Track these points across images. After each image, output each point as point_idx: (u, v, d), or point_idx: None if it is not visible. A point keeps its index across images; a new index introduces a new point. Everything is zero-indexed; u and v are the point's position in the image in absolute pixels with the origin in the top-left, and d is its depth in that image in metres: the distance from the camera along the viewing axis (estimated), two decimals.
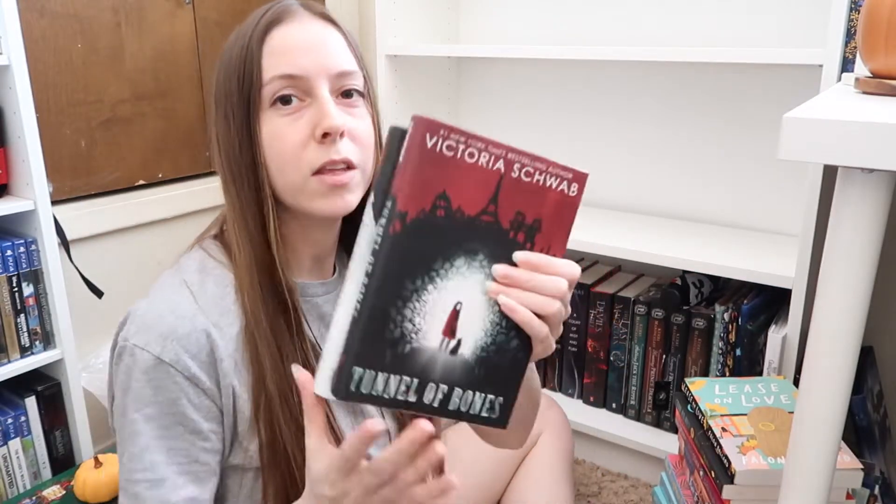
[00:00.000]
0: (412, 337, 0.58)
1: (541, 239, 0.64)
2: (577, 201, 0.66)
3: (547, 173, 0.64)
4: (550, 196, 0.64)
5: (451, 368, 0.60)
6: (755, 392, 1.12)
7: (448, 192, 0.57)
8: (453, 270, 0.59)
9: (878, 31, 0.69)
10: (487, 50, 1.61)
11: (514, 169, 0.62)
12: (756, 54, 1.25)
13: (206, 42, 1.75)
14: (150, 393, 0.68)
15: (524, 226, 0.63)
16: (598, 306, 1.57)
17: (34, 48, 1.45)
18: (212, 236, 0.79)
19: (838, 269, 0.63)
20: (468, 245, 0.59)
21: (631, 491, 1.52)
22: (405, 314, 0.57)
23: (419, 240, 0.57)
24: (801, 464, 0.69)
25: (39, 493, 1.39)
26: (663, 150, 1.67)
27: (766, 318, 1.40)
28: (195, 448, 0.70)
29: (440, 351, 0.60)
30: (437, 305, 0.59)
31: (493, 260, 0.61)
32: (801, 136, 0.59)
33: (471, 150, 0.58)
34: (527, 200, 0.62)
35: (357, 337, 0.56)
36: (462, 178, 0.58)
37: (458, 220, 0.58)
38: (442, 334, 0.59)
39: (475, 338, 0.61)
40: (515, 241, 0.62)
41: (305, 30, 0.71)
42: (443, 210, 0.58)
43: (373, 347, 0.56)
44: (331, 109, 0.68)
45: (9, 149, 1.35)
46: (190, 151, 1.79)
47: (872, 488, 1.12)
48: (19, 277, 1.36)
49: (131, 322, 0.70)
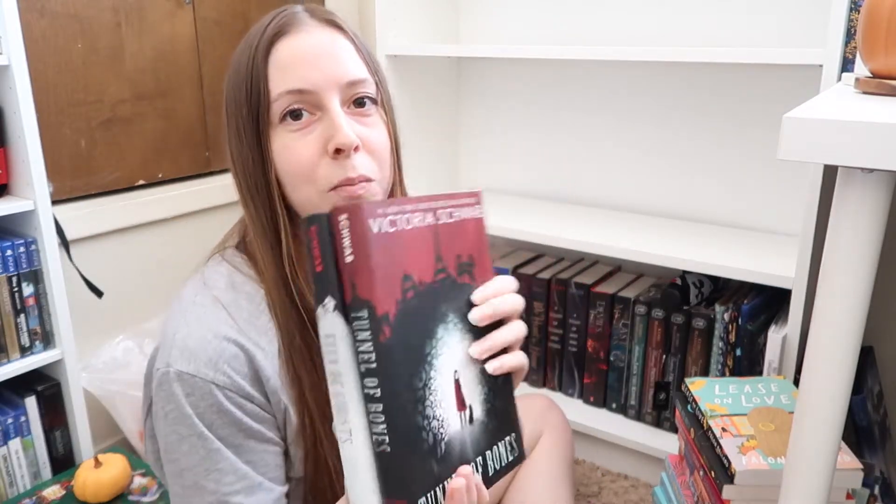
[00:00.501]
0: (441, 434, 0.55)
1: (478, 272, 0.63)
2: (484, 218, 0.65)
3: (459, 207, 0.62)
4: (469, 226, 0.63)
5: (476, 438, 0.59)
6: (755, 392, 1.12)
7: (409, 272, 0.54)
8: (439, 344, 0.57)
9: (878, 31, 0.69)
10: (487, 50, 1.61)
11: (441, 216, 0.59)
12: (756, 54, 1.25)
13: (206, 42, 1.75)
14: (215, 417, 0.66)
15: (465, 266, 0.61)
16: (598, 306, 1.57)
17: (34, 48, 1.45)
18: (233, 246, 0.76)
19: (838, 269, 0.63)
20: (439, 313, 0.57)
21: (631, 491, 1.52)
22: (428, 415, 0.54)
23: (407, 334, 0.53)
24: (801, 464, 0.69)
25: (39, 493, 1.39)
26: (663, 150, 1.67)
27: (766, 318, 1.40)
28: (270, 454, 0.70)
29: (463, 429, 0.57)
30: (444, 387, 0.56)
31: (459, 314, 0.59)
32: (801, 136, 0.59)
33: (406, 217, 0.55)
34: (458, 240, 0.61)
35: (400, 471, 0.51)
36: (411, 251, 0.55)
37: (424, 294, 0.56)
38: (458, 411, 0.57)
39: (478, 397, 0.60)
40: (465, 285, 0.61)
41: (312, 40, 0.68)
42: (412, 291, 0.54)
43: (421, 470, 0.52)
44: (342, 124, 0.66)
45: (9, 149, 1.35)
46: (190, 151, 1.79)
47: (872, 488, 1.12)
48: (19, 277, 1.36)
49: (172, 347, 0.67)
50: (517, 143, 1.88)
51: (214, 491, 0.66)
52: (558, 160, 1.82)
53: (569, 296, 1.61)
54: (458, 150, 1.98)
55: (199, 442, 0.66)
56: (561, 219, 1.67)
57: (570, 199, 1.83)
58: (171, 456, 0.68)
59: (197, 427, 0.66)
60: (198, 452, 0.66)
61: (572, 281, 1.61)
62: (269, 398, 0.69)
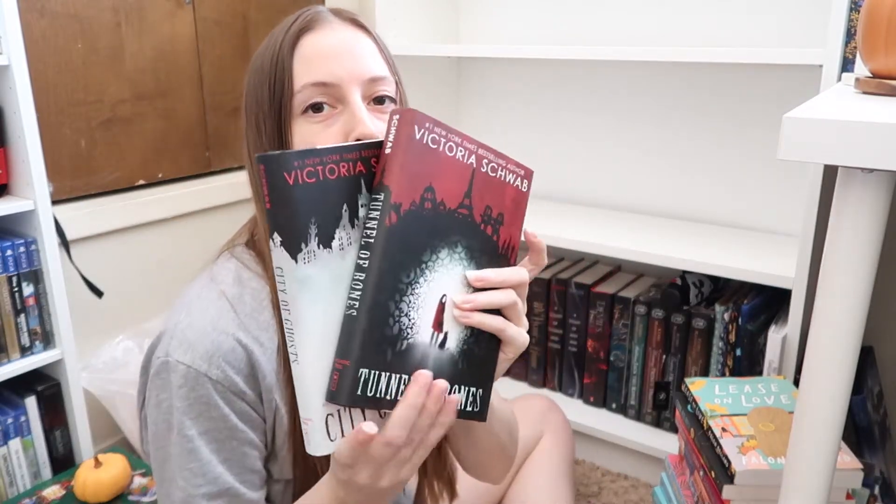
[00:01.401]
0: (408, 332, 0.58)
1: (503, 231, 0.66)
2: (527, 196, 0.68)
3: (506, 169, 0.65)
4: (509, 191, 0.66)
5: (440, 363, 0.60)
6: (755, 392, 1.12)
7: (433, 185, 0.58)
8: (439, 263, 0.60)
9: (878, 31, 0.69)
10: (487, 50, 1.61)
11: (483, 164, 0.63)
12: (756, 54, 1.25)
13: (206, 42, 1.75)
14: (202, 409, 0.67)
15: (491, 219, 0.64)
16: (598, 306, 1.57)
17: (34, 48, 1.45)
18: (243, 244, 0.77)
19: (838, 269, 0.63)
20: (450, 237, 0.60)
21: (631, 491, 1.52)
22: (402, 309, 0.57)
23: (411, 232, 0.57)
24: (801, 464, 0.69)
25: (39, 493, 1.39)
26: (663, 150, 1.67)
27: (766, 318, 1.40)
28: (250, 458, 0.70)
29: (430, 346, 0.59)
30: (427, 299, 0.59)
31: (470, 252, 0.62)
32: (801, 136, 0.59)
33: (450, 144, 0.59)
34: (492, 195, 0.64)
35: (360, 336, 0.54)
36: (443, 172, 0.59)
37: (441, 213, 0.59)
38: (431, 328, 0.59)
39: (457, 330, 0.61)
40: (485, 234, 0.64)
41: (336, 36, 0.70)
42: (430, 203, 0.58)
43: (376, 346, 0.55)
44: (364, 116, 0.68)
45: (9, 149, 1.35)
46: (190, 151, 1.79)
47: (872, 488, 1.13)
48: (19, 277, 1.36)
49: (171, 337, 0.68)
50: (517, 143, 1.88)
51: (184, 488, 0.68)
52: (558, 160, 1.82)
53: (569, 296, 1.61)
54: None
55: (179, 438, 0.68)
56: (561, 219, 1.68)
57: (570, 199, 1.83)
58: (158, 444, 0.70)
59: (182, 421, 0.67)
60: (178, 446, 0.68)
61: (572, 281, 1.61)
62: (263, 396, 0.70)
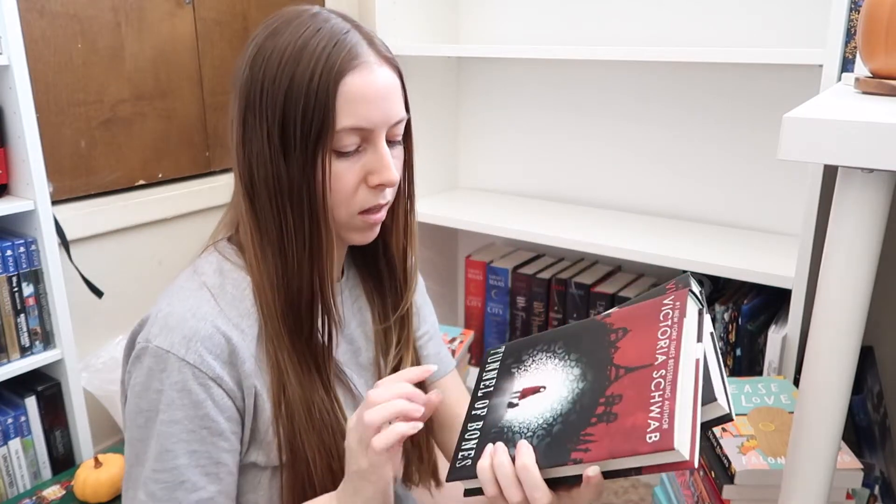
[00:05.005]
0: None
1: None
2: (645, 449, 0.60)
3: (660, 406, 0.59)
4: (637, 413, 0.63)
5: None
6: (755, 392, 1.12)
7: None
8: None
9: (878, 31, 0.69)
10: (487, 50, 1.61)
11: (659, 374, 0.62)
12: (756, 54, 1.25)
13: (206, 42, 1.75)
14: (175, 395, 0.68)
15: (614, 397, 0.64)
16: (598, 306, 1.57)
17: (34, 48, 1.45)
18: (225, 238, 0.79)
19: (838, 269, 0.63)
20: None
21: (631, 491, 1.53)
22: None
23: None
24: (801, 464, 0.69)
25: (39, 493, 1.39)
26: (663, 150, 1.67)
27: (766, 318, 1.40)
28: (217, 449, 0.71)
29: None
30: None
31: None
32: (801, 136, 0.59)
33: (672, 333, 0.67)
34: (631, 389, 0.64)
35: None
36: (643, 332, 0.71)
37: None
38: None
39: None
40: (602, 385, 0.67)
41: (379, 80, 0.72)
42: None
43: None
44: (390, 163, 0.72)
45: (9, 149, 1.35)
46: (190, 151, 1.79)
47: (872, 488, 1.13)
48: (19, 277, 1.36)
49: (152, 324, 0.70)
50: (517, 143, 1.88)
51: (150, 469, 0.70)
52: (558, 160, 1.82)
53: (569, 296, 1.61)
54: (458, 150, 1.98)
55: (146, 425, 0.69)
56: (561, 219, 1.67)
57: (570, 199, 1.83)
58: (129, 424, 0.72)
59: (155, 406, 0.69)
60: (146, 429, 0.70)
61: (572, 281, 1.61)
62: (242, 382, 0.71)
